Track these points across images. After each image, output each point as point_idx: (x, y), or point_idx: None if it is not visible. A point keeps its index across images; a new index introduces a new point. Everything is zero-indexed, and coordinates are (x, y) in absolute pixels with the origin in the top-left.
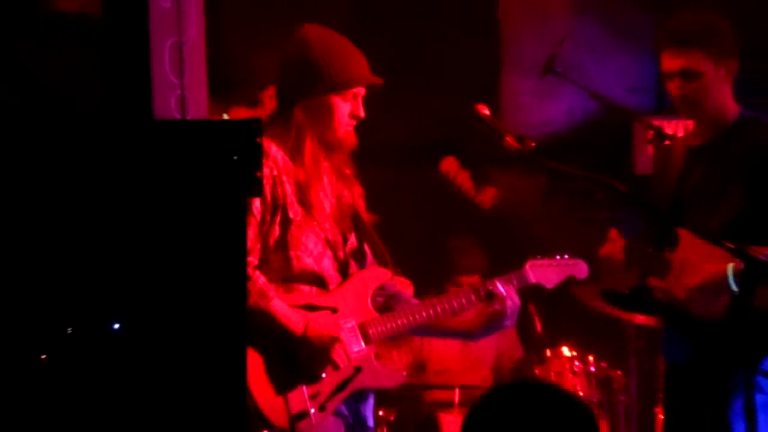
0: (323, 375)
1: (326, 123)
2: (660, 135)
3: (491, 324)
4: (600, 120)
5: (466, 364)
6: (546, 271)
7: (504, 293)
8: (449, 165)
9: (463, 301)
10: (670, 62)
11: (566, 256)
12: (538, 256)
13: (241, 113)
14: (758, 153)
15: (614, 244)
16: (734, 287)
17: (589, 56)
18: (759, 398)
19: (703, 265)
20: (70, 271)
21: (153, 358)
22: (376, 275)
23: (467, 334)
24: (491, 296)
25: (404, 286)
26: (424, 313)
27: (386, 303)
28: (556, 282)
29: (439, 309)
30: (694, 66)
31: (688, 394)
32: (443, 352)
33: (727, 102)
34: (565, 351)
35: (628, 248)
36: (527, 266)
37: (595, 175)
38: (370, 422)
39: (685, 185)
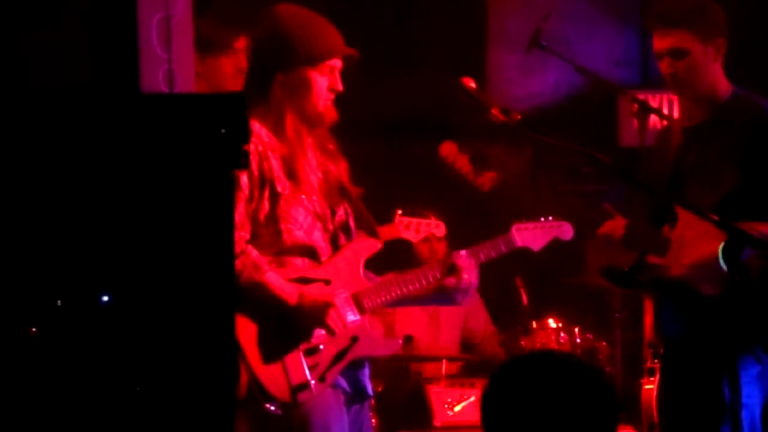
0: (321, 347)
1: (305, 97)
2: (644, 108)
3: (443, 295)
4: (585, 93)
5: (432, 336)
6: (532, 234)
7: (462, 266)
8: (448, 149)
9: (437, 273)
10: (659, 42)
11: (551, 218)
12: (524, 220)
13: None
14: (751, 131)
15: (615, 223)
16: (724, 267)
17: (574, 30)
18: (756, 369)
19: (698, 243)
20: (59, 244)
21: (142, 332)
22: (366, 246)
23: (417, 299)
24: (453, 269)
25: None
26: (413, 286)
27: None
28: (542, 244)
29: (423, 282)
30: (681, 45)
31: (685, 368)
32: (410, 324)
33: (718, 80)
34: (551, 323)
35: (629, 227)
36: (513, 230)
37: (582, 148)
38: (370, 390)
39: (681, 165)
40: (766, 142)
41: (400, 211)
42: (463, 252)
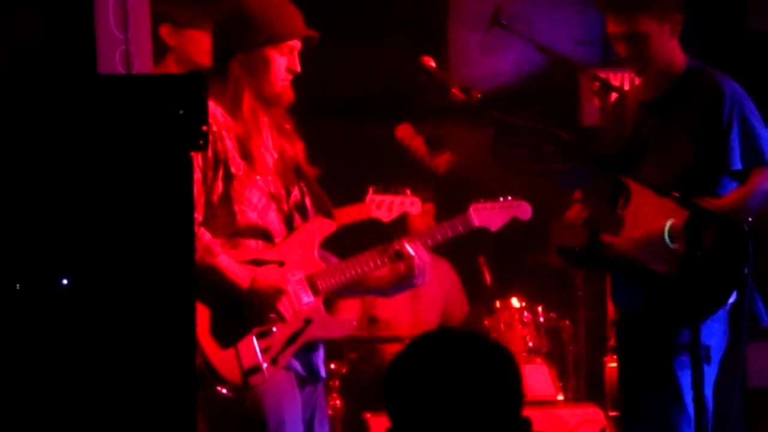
0: (274, 329)
1: (263, 77)
2: (606, 87)
3: (401, 282)
4: (547, 72)
5: (413, 318)
6: (490, 214)
7: (412, 253)
8: (404, 131)
9: (378, 261)
10: (614, 27)
11: (509, 198)
12: (481, 200)
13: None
14: (705, 106)
15: (580, 209)
16: (670, 244)
17: (535, 9)
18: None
19: (649, 220)
20: (16, 227)
21: (101, 314)
22: (321, 226)
23: (380, 291)
24: (400, 256)
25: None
26: (367, 267)
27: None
28: (500, 224)
29: (372, 264)
30: (637, 29)
31: (639, 344)
32: (391, 305)
33: (674, 55)
34: (515, 302)
35: (595, 213)
36: (471, 210)
37: (542, 127)
38: (323, 372)
39: (636, 139)
40: (720, 118)
41: (372, 189)
42: (404, 239)
